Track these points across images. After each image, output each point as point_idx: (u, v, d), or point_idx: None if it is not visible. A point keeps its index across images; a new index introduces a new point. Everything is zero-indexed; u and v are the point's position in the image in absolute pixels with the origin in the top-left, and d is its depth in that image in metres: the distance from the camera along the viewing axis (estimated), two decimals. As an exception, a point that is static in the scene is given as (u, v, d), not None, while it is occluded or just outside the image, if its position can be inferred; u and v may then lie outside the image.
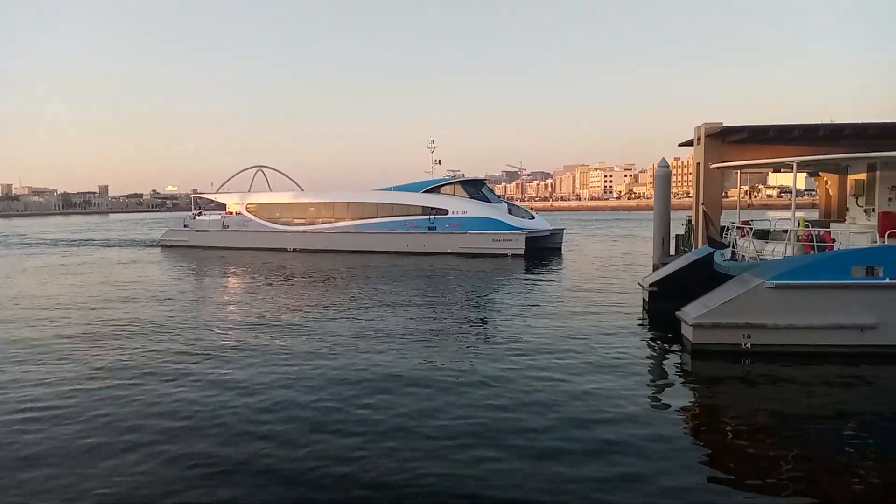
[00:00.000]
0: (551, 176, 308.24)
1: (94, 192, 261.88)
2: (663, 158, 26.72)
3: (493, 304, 23.70)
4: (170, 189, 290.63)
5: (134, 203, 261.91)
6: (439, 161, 49.40)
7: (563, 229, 47.45)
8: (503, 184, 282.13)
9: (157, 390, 12.79)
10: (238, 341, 17.19)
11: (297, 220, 48.95)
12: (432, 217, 43.63)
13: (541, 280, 30.00)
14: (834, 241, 16.11)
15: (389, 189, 48.02)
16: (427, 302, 23.58)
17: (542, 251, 42.32)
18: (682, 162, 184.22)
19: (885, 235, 14.88)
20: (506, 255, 40.58)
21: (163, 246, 53.59)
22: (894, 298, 14.14)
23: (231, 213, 52.46)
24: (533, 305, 22.43)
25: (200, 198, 61.53)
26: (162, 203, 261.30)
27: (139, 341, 17.17)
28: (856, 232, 16.76)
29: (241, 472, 9.03)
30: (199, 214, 55.51)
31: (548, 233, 44.63)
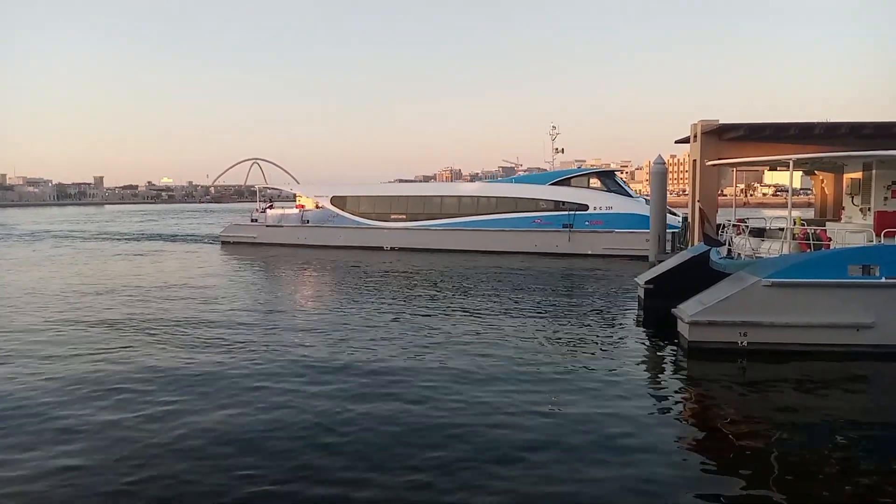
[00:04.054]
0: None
1: (89, 183, 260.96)
2: (659, 155, 26.62)
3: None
4: (165, 181, 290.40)
5: (129, 194, 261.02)
6: (562, 149, 42.73)
7: None
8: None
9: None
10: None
11: (394, 216, 43.56)
12: (571, 213, 38.29)
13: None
14: (830, 239, 16.11)
15: (510, 180, 43.61)
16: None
17: None
18: (679, 159, 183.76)
19: (882, 234, 14.87)
20: None
21: (224, 243, 47.73)
22: (891, 297, 14.13)
23: (302, 206, 48.80)
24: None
25: (273, 190, 56.17)
26: (157, 195, 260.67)
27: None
28: (852, 231, 16.75)
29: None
30: (270, 208, 50.33)
31: None
